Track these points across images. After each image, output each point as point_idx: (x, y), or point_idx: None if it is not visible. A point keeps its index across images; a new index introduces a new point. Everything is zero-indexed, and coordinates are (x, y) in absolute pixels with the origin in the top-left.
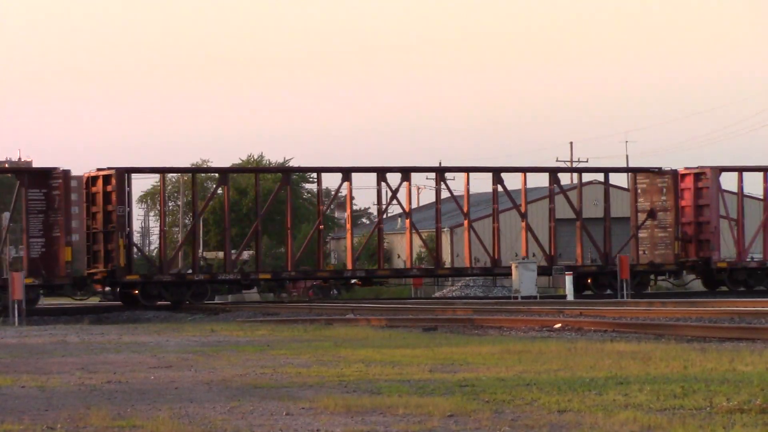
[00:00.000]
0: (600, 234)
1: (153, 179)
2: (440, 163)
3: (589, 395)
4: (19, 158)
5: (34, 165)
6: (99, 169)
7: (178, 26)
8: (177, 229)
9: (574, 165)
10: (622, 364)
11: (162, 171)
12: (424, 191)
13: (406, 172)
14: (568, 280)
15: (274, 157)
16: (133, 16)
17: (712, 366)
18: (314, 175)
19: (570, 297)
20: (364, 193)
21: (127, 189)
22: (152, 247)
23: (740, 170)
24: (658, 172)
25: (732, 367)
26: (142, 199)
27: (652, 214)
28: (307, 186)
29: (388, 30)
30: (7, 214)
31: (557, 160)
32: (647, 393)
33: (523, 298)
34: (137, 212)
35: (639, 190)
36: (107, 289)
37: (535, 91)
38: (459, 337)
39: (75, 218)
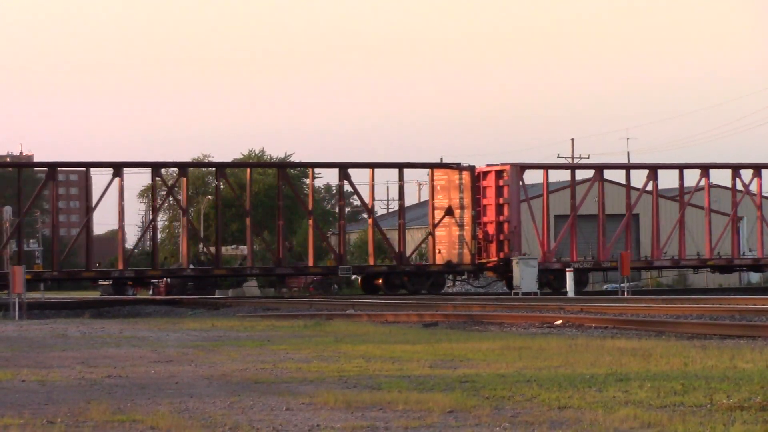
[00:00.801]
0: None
1: (147, 173)
2: (441, 159)
3: (589, 392)
4: (21, 152)
5: (36, 159)
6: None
7: (180, 22)
8: (177, 224)
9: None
10: (622, 361)
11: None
12: (424, 186)
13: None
14: (569, 276)
15: (275, 152)
16: (136, 11)
17: (713, 363)
18: (317, 170)
19: (571, 293)
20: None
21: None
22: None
23: (546, 167)
24: (456, 167)
25: (732, 364)
26: (143, 194)
27: (449, 211)
28: (308, 181)
29: (390, 27)
30: (8, 208)
31: (558, 157)
32: (647, 390)
33: (523, 294)
34: (138, 207)
35: (438, 187)
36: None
37: (536, 88)
38: (459, 333)
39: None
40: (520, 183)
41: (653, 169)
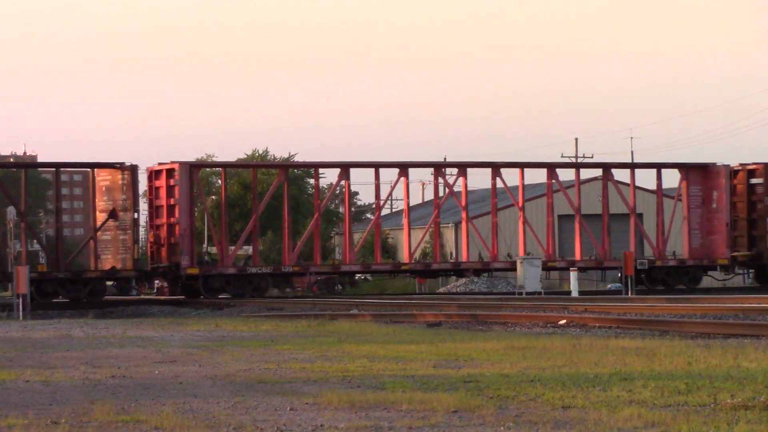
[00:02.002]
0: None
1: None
2: (445, 158)
3: (593, 391)
4: (24, 152)
5: (39, 159)
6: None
7: (182, 21)
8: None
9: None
10: (626, 361)
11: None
12: (428, 186)
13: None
14: (573, 276)
15: (279, 152)
16: (138, 10)
17: (717, 362)
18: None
19: (575, 293)
20: (367, 188)
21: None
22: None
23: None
24: (119, 167)
25: (736, 363)
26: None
27: (113, 214)
28: (312, 181)
29: (391, 26)
30: (11, 209)
31: (562, 156)
32: (651, 389)
33: (527, 293)
34: (142, 207)
35: (103, 188)
36: None
37: (540, 87)
38: (463, 333)
39: None
40: (192, 182)
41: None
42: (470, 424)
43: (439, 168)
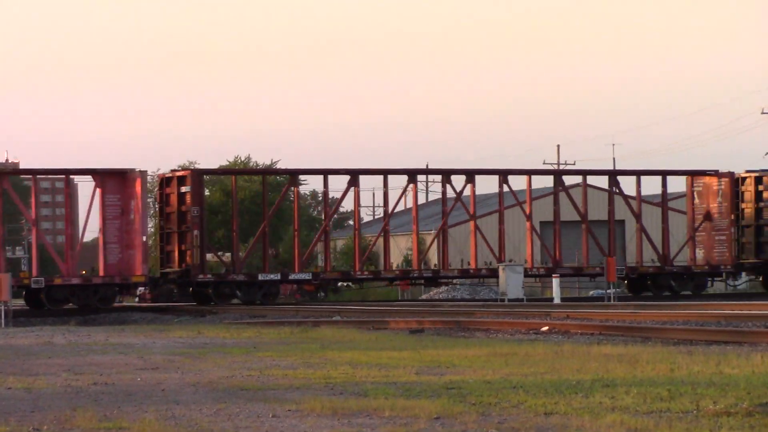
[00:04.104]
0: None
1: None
2: (427, 165)
3: (575, 398)
4: (6, 159)
5: (21, 166)
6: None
7: (164, 27)
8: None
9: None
10: (608, 367)
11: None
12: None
13: (412, 175)
14: (555, 282)
15: (261, 158)
16: (119, 16)
17: (699, 369)
18: (304, 177)
19: (557, 300)
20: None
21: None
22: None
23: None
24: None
25: (719, 370)
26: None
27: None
28: (293, 188)
29: (376, 31)
30: None
31: (544, 163)
32: (634, 396)
33: (509, 300)
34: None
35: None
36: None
37: (522, 93)
38: (446, 340)
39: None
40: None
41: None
42: (453, 431)
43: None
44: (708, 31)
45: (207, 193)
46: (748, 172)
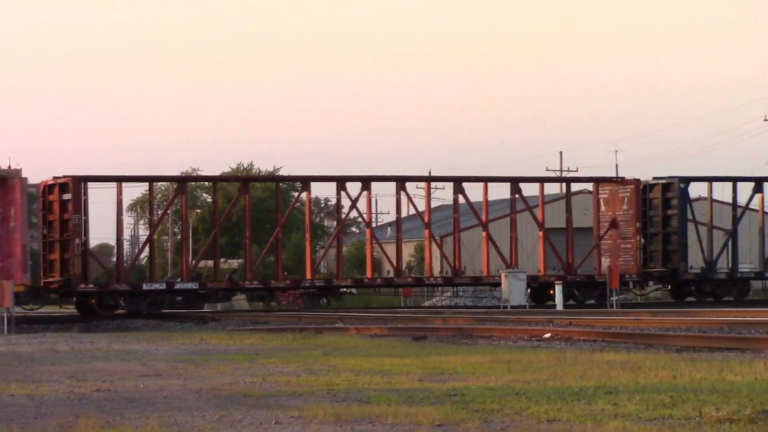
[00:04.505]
0: None
1: (143, 187)
2: (429, 172)
3: (578, 405)
4: (9, 166)
5: (24, 174)
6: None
7: (165, 35)
8: (166, 237)
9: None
10: (611, 374)
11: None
12: (415, 200)
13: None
14: (558, 289)
15: (264, 165)
16: (118, 23)
17: (702, 376)
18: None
19: (559, 307)
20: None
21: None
22: (142, 255)
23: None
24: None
25: (721, 377)
26: (132, 207)
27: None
28: (296, 195)
29: (378, 38)
30: None
31: (547, 170)
32: (636, 403)
33: (512, 307)
34: (127, 221)
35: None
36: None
37: (525, 100)
38: (448, 347)
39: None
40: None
41: (515, 182)
42: None
43: (460, 183)
44: (712, 39)
45: (209, 199)
46: (656, 178)
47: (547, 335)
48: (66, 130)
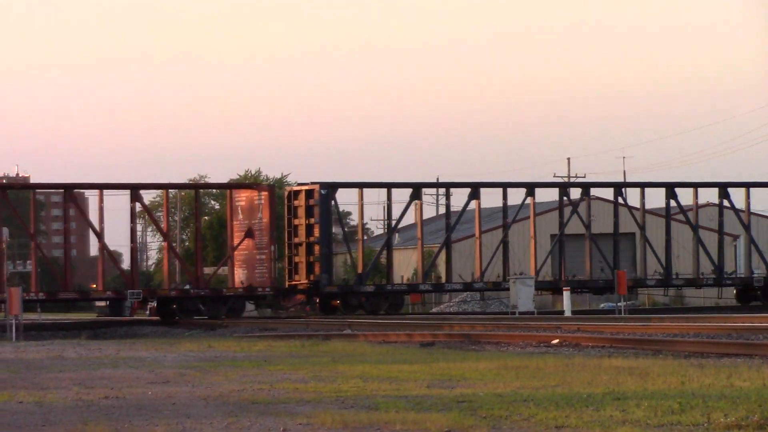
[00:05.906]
0: None
1: (155, 194)
2: (437, 179)
3: (586, 411)
4: (17, 173)
5: (32, 180)
6: (300, 184)
7: (172, 40)
8: (175, 244)
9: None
10: (619, 380)
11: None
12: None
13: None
14: (566, 295)
15: (272, 172)
16: (123, 30)
17: (710, 382)
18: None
19: (567, 313)
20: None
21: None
22: (149, 262)
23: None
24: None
25: (730, 383)
26: (140, 215)
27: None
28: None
29: (381, 41)
30: (5, 230)
31: (554, 176)
32: (645, 409)
33: (520, 313)
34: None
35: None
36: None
37: (533, 106)
38: (456, 353)
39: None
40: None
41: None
42: None
43: (477, 188)
44: (720, 46)
45: (217, 206)
46: (300, 185)
47: (555, 341)
48: (66, 133)
